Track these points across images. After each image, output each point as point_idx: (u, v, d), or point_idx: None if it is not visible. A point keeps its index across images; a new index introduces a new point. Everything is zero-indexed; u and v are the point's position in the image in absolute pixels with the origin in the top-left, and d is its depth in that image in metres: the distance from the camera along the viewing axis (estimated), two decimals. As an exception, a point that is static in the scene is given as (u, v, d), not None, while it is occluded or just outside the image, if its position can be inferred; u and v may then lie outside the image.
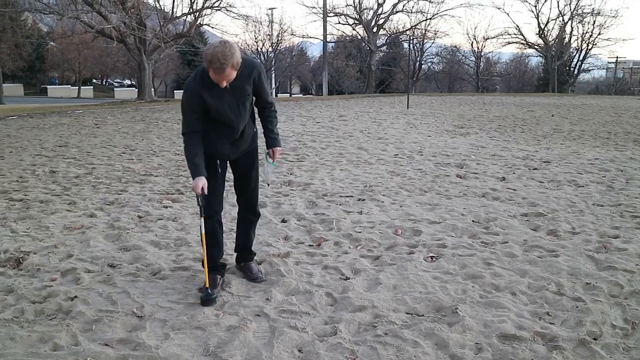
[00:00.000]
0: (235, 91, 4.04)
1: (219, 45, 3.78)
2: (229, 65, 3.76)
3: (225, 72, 3.80)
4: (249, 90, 4.12)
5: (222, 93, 4.00)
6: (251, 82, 4.11)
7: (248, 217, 4.64)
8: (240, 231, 4.69)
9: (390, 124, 17.07)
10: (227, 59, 3.74)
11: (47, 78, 65.27)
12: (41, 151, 11.18)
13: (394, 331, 3.66)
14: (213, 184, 4.24)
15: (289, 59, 62.41)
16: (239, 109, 4.13)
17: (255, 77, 4.12)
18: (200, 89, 3.98)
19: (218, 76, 3.82)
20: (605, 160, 10.47)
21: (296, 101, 31.42)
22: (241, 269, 4.69)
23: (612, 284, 4.43)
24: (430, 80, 69.32)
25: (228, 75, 3.85)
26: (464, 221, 6.21)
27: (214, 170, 4.27)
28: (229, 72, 3.82)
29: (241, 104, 4.13)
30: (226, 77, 3.86)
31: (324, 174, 8.97)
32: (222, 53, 3.73)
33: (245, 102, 4.15)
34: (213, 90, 3.98)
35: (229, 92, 4.02)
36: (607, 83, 62.69)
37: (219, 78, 3.84)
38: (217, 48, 3.75)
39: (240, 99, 4.10)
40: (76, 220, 6.28)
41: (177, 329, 3.71)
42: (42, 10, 30.15)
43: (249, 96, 4.16)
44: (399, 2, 50.20)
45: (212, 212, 4.37)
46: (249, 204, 4.59)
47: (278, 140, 4.46)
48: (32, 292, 4.29)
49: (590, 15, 55.15)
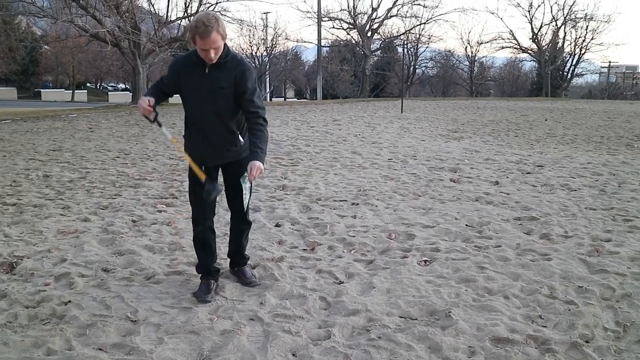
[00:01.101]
0: (210, 79, 3.93)
1: (203, 13, 3.79)
2: (214, 28, 3.68)
3: (211, 37, 3.69)
4: (224, 85, 3.94)
5: (198, 77, 3.95)
6: (232, 79, 3.94)
7: (239, 225, 4.57)
8: (232, 238, 4.65)
9: (384, 129, 17.10)
10: (211, 22, 3.68)
11: (40, 82, 65.06)
12: (35, 155, 11.16)
13: (388, 335, 3.67)
14: (199, 190, 4.21)
15: (284, 63, 62.39)
16: (208, 99, 3.97)
17: (237, 75, 3.95)
18: (181, 65, 4.04)
19: (204, 42, 3.71)
20: (597, 164, 10.52)
21: (290, 105, 31.44)
22: (235, 274, 4.67)
23: (604, 287, 4.46)
24: (425, 84, 69.50)
25: (214, 41, 3.72)
26: (457, 225, 6.24)
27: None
28: (214, 37, 3.71)
29: (212, 95, 3.96)
30: (213, 43, 3.73)
31: (318, 178, 8.99)
32: (205, 17, 3.72)
33: (218, 96, 3.96)
34: (190, 71, 3.97)
35: (204, 79, 3.94)
36: (600, 87, 63.01)
37: (205, 44, 3.72)
38: (200, 15, 3.77)
39: (212, 90, 3.95)
40: (70, 224, 6.28)
41: (171, 334, 3.71)
42: (36, 13, 30.03)
43: (223, 90, 3.95)
44: (393, 6, 50.34)
45: (201, 220, 4.35)
46: (239, 214, 4.49)
47: (259, 155, 3.90)
48: (26, 296, 4.28)
49: (583, 20, 55.52)
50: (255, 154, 3.90)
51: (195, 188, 4.27)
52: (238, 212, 4.48)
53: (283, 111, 24.60)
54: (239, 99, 4.00)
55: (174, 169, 9.61)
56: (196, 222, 4.39)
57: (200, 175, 4.08)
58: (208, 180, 4.10)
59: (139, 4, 32.60)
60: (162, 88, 4.26)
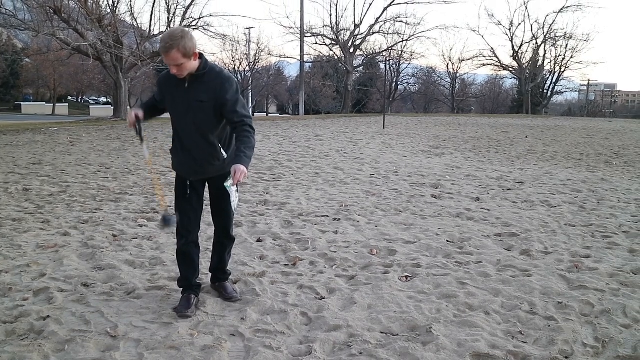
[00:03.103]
0: (189, 93, 3.95)
1: (172, 29, 3.79)
2: (174, 47, 3.65)
3: (170, 55, 3.68)
4: (203, 98, 3.91)
5: (180, 92, 3.97)
6: (211, 92, 3.91)
7: (222, 240, 4.54)
8: (215, 253, 4.62)
9: (367, 144, 17.17)
10: (173, 40, 3.66)
11: (21, 95, 64.60)
12: (14, 169, 11.05)
13: (369, 350, 3.67)
14: (185, 204, 4.25)
15: (266, 78, 62.62)
16: (188, 113, 3.97)
17: (217, 88, 3.92)
18: (164, 79, 4.08)
19: (165, 58, 3.73)
20: (577, 181, 10.64)
21: (273, 120, 31.48)
22: (216, 289, 4.64)
23: (583, 303, 4.49)
24: (407, 100, 70.07)
25: (174, 59, 3.71)
26: (438, 241, 6.26)
27: (184, 189, 4.25)
28: (174, 55, 3.69)
29: (191, 109, 3.95)
30: (172, 61, 3.72)
31: (300, 193, 8.99)
32: (170, 34, 3.70)
33: (198, 109, 3.94)
34: (171, 84, 4.00)
35: (184, 93, 3.96)
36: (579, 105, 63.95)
37: (166, 60, 3.75)
38: (170, 30, 3.76)
39: (191, 103, 3.95)
40: (50, 239, 6.22)
41: (151, 349, 3.68)
42: (18, 26, 29.89)
43: (202, 103, 3.92)
44: (376, 23, 50.73)
45: (185, 232, 4.32)
46: (222, 229, 4.48)
47: (243, 160, 3.85)
48: (3, 311, 4.23)
49: (563, 39, 56.52)
50: (240, 158, 3.85)
51: (180, 201, 4.28)
52: (222, 228, 4.48)
53: (265, 126, 24.63)
54: (220, 111, 3.96)
55: (155, 184, 9.56)
56: (180, 234, 4.36)
57: (161, 202, 4.10)
58: (165, 211, 4.14)
59: (121, 18, 32.50)
60: (154, 103, 4.32)
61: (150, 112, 4.28)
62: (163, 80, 4.13)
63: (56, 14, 26.99)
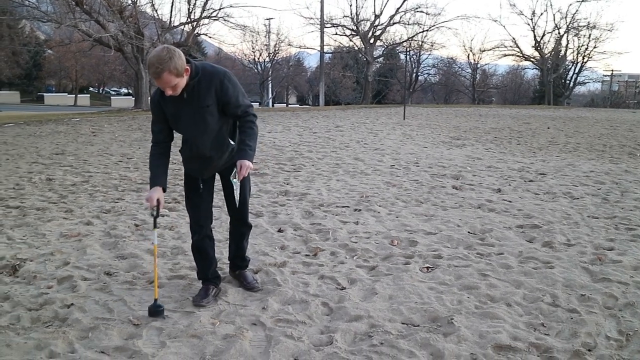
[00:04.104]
0: (192, 104, 3.85)
1: (158, 50, 3.62)
2: (165, 70, 3.56)
3: (163, 78, 3.59)
4: (208, 102, 3.86)
5: (179, 105, 3.86)
6: (212, 93, 3.86)
7: (239, 229, 4.54)
8: (232, 242, 4.62)
9: (387, 135, 17.12)
10: (162, 63, 3.55)
11: (44, 86, 65.28)
12: (38, 159, 11.18)
13: (390, 341, 3.67)
14: (197, 199, 4.24)
15: (286, 69, 62.65)
16: (197, 123, 3.92)
17: (216, 87, 3.87)
18: (159, 99, 3.90)
19: (157, 82, 3.65)
20: (600, 172, 10.52)
21: (293, 111, 31.48)
22: (236, 277, 4.66)
23: (606, 295, 4.45)
24: (427, 91, 69.65)
25: (167, 82, 3.63)
26: (459, 232, 6.24)
27: (195, 184, 4.23)
28: (166, 78, 3.60)
29: (199, 117, 3.90)
30: (166, 84, 3.64)
31: (320, 184, 8.99)
32: (158, 57, 3.56)
33: (205, 115, 3.90)
34: (170, 102, 3.86)
35: (186, 104, 3.86)
36: (602, 96, 63.05)
37: (160, 84, 3.66)
38: (154, 52, 3.61)
39: (198, 112, 3.88)
40: (73, 228, 6.29)
41: (173, 337, 3.71)
42: (40, 18, 30.15)
43: (208, 109, 3.88)
44: (396, 13, 50.40)
45: (197, 228, 4.32)
46: (238, 216, 4.46)
47: (247, 153, 3.97)
48: (29, 299, 4.29)
49: (586, 28, 55.63)
50: (244, 152, 3.97)
51: (190, 196, 4.29)
52: (238, 217, 4.47)
53: (285, 117, 24.64)
54: (224, 108, 3.97)
55: (176, 174, 9.61)
56: (193, 230, 4.38)
57: (155, 292, 4.08)
58: (154, 302, 4.09)
59: (142, 9, 32.67)
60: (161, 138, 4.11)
61: (165, 166, 4.20)
62: (158, 98, 3.94)
63: (78, 5, 27.17)
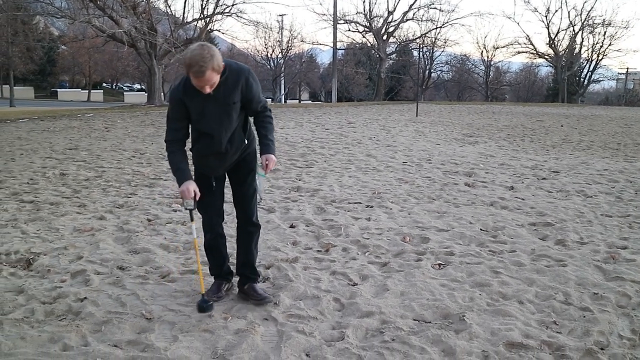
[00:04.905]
0: (218, 100, 3.81)
1: (197, 49, 3.58)
2: (208, 68, 3.55)
3: (206, 76, 3.58)
4: (234, 100, 3.86)
5: (205, 102, 3.80)
6: (238, 91, 3.86)
7: (246, 228, 4.34)
8: (241, 246, 4.38)
9: (399, 132, 17.08)
10: (206, 61, 3.53)
11: (57, 81, 65.62)
12: (51, 154, 11.26)
13: (401, 337, 3.67)
14: (208, 197, 4.15)
15: (299, 65, 62.57)
16: (222, 120, 3.89)
17: (242, 85, 3.87)
18: (182, 97, 3.82)
19: (199, 81, 3.61)
20: (614, 171, 10.45)
21: (305, 107, 31.47)
22: (245, 292, 4.33)
23: (619, 294, 4.42)
24: (440, 88, 69.36)
25: (209, 79, 3.62)
26: (472, 229, 6.22)
27: (208, 183, 4.14)
28: (209, 76, 3.59)
29: (225, 115, 3.88)
30: (207, 82, 3.63)
31: (332, 180, 9.00)
32: (200, 56, 3.53)
33: (231, 112, 3.89)
34: (195, 99, 3.79)
35: (212, 101, 3.80)
36: (617, 94, 62.47)
37: (200, 83, 3.63)
38: (195, 51, 3.56)
39: (224, 109, 3.86)
40: (86, 222, 6.33)
41: (185, 332, 3.73)
42: (54, 14, 30.30)
43: (234, 105, 3.88)
44: (409, 10, 50.27)
45: (209, 227, 4.27)
46: (246, 215, 4.30)
47: (272, 148, 4.05)
48: (43, 292, 4.33)
49: (601, 25, 55.16)
50: (268, 146, 4.06)
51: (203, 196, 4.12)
52: (245, 216, 4.30)
53: (298, 113, 24.64)
54: (247, 104, 3.98)
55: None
56: (205, 229, 4.32)
57: (201, 286, 4.10)
58: (202, 297, 4.10)
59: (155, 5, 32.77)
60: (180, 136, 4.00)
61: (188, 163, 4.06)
62: (181, 94, 3.84)
63: (91, 1, 27.32)
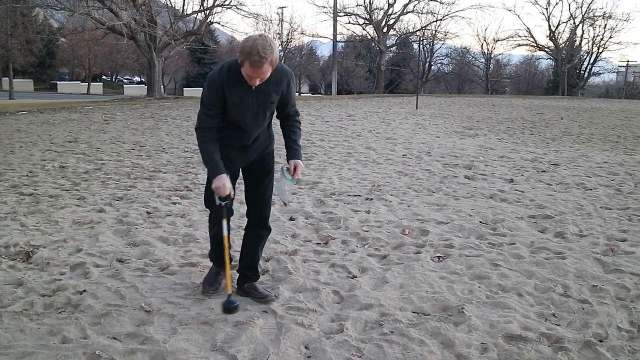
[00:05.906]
0: (259, 95, 3.72)
1: (260, 38, 3.47)
2: (267, 60, 3.46)
3: (263, 68, 3.48)
4: (274, 99, 3.80)
5: (245, 94, 3.70)
6: (279, 91, 3.80)
7: (258, 231, 4.21)
8: (247, 248, 4.27)
9: (399, 124, 17.07)
10: (267, 53, 3.43)
11: (57, 74, 65.51)
12: (51, 146, 11.24)
13: (400, 330, 3.68)
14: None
15: (299, 58, 62.41)
16: (258, 115, 3.81)
17: (284, 86, 3.82)
18: (223, 84, 3.67)
19: (254, 71, 3.50)
20: (614, 163, 10.45)
21: (305, 100, 31.44)
22: (245, 291, 4.23)
23: (618, 286, 4.43)
24: (440, 81, 69.31)
25: (265, 72, 3.53)
26: (471, 222, 6.22)
27: None
28: (266, 68, 3.50)
29: (261, 110, 3.80)
30: (262, 74, 3.54)
31: (332, 172, 8.99)
32: (262, 46, 3.42)
33: (267, 109, 3.83)
34: (236, 89, 3.68)
35: (252, 95, 3.71)
36: (617, 87, 62.44)
37: (254, 74, 3.52)
38: (257, 40, 3.45)
39: (262, 105, 3.78)
40: (85, 215, 6.32)
41: (184, 324, 3.73)
42: (54, 6, 30.29)
43: (272, 104, 3.83)
44: (410, 2, 50.21)
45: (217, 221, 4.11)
46: (260, 217, 4.18)
47: (300, 153, 4.03)
48: (42, 285, 4.32)
49: (602, 18, 55.12)
50: (297, 152, 4.03)
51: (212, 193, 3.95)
52: (259, 217, 4.19)
53: (298, 106, 24.50)
54: (282, 106, 3.97)
55: (188, 162, 9.65)
56: (212, 223, 4.21)
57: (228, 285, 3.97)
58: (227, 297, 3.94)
59: (155, -3, 32.69)
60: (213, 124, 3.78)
61: None
62: (222, 82, 3.69)
63: (91, -7, 27.25)
